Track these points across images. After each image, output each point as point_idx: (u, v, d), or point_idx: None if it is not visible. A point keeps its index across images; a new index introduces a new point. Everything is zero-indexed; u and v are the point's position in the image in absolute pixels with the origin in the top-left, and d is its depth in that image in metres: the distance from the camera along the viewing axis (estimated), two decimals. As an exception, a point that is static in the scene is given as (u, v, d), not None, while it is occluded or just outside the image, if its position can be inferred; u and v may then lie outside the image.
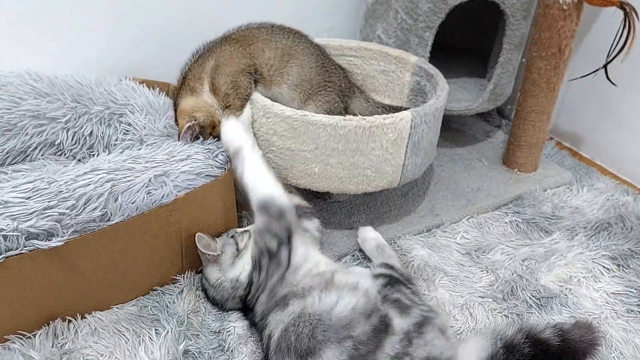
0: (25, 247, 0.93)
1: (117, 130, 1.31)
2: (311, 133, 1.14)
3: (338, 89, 1.32)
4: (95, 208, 0.99)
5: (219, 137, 1.18)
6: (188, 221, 1.13)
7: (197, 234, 1.11)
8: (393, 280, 1.05)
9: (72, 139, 1.32)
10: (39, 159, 1.31)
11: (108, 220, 1.01)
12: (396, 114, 1.15)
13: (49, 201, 0.96)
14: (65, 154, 1.34)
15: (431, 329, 0.92)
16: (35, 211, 0.94)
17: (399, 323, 0.92)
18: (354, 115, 1.19)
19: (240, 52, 1.25)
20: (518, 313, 1.15)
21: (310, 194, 1.40)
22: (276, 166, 1.23)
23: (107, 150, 1.30)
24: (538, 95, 1.47)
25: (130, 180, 1.04)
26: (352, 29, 1.76)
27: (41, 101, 1.27)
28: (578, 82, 1.58)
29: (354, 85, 1.38)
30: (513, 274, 1.24)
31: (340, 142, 1.14)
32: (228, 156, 1.18)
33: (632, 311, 1.17)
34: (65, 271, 1.00)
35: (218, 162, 1.15)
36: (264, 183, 1.08)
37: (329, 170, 1.19)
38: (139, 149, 1.13)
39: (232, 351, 1.04)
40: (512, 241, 1.35)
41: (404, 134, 1.17)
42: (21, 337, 1.02)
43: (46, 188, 0.97)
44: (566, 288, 1.21)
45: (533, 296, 1.18)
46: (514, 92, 1.69)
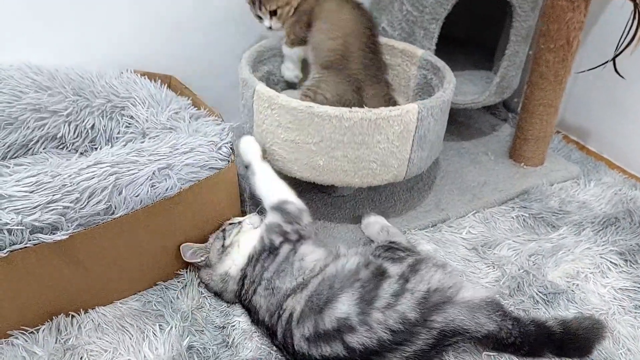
0: (29, 241, 0.93)
1: (119, 123, 1.30)
2: (316, 125, 1.12)
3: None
4: (99, 201, 0.98)
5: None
6: (192, 214, 1.12)
7: (182, 246, 1.12)
8: (391, 248, 1.11)
9: (74, 133, 1.31)
10: (41, 153, 1.30)
11: (112, 213, 1.01)
12: (402, 107, 1.14)
13: (53, 195, 0.95)
14: (67, 148, 1.33)
15: (425, 267, 1.01)
16: (39, 205, 0.93)
17: (394, 269, 1.01)
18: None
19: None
20: (524, 309, 1.13)
21: (314, 188, 1.39)
22: (281, 159, 1.21)
23: (110, 143, 1.30)
24: (545, 88, 1.45)
25: (134, 173, 1.03)
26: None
27: (42, 95, 1.26)
28: (585, 75, 1.56)
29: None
30: (519, 270, 1.23)
31: (345, 135, 1.13)
32: (231, 148, 1.17)
33: (640, 307, 1.16)
34: (69, 265, 1.00)
35: (222, 155, 1.14)
36: (277, 189, 1.16)
37: (334, 163, 1.18)
38: (142, 142, 1.12)
39: (237, 346, 1.03)
40: (519, 236, 1.34)
41: (410, 127, 1.16)
42: (24, 333, 1.01)
43: (50, 182, 0.96)
44: (573, 284, 1.20)
45: (540, 292, 1.17)
46: (521, 85, 1.68)
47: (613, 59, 1.37)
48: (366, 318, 0.94)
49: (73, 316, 1.06)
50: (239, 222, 1.17)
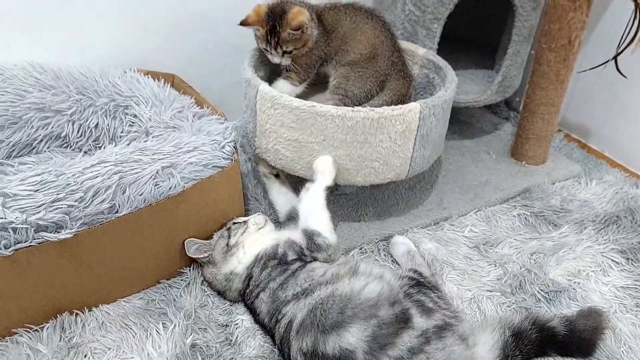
0: (34, 240, 0.93)
1: (123, 122, 1.30)
2: (319, 124, 1.13)
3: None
4: (103, 200, 0.99)
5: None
6: (196, 212, 1.12)
7: (186, 241, 1.12)
8: (419, 284, 1.04)
9: (78, 132, 1.32)
10: (45, 152, 1.30)
11: (116, 212, 1.01)
12: (405, 106, 1.14)
13: (57, 194, 0.95)
14: (71, 147, 1.33)
15: (451, 335, 0.93)
16: (43, 204, 0.94)
17: (420, 321, 0.93)
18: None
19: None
20: (526, 307, 1.14)
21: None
22: (284, 158, 1.22)
23: (113, 142, 1.30)
24: (547, 87, 1.45)
25: (137, 172, 1.03)
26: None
27: (46, 94, 1.26)
28: (587, 74, 1.56)
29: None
30: (521, 268, 1.23)
31: (348, 134, 1.13)
32: (235, 147, 1.17)
33: (642, 305, 1.16)
34: (73, 263, 1.00)
35: (225, 154, 1.15)
36: (318, 218, 1.14)
37: (337, 162, 1.18)
38: (145, 141, 1.12)
39: (240, 344, 1.04)
40: (521, 235, 1.34)
41: (413, 126, 1.16)
42: (29, 331, 1.02)
43: (54, 181, 0.97)
44: (575, 282, 1.20)
45: (541, 290, 1.18)
46: (523, 84, 1.68)
47: (614, 59, 1.37)
48: None
49: (77, 314, 1.06)
50: (244, 222, 1.17)
